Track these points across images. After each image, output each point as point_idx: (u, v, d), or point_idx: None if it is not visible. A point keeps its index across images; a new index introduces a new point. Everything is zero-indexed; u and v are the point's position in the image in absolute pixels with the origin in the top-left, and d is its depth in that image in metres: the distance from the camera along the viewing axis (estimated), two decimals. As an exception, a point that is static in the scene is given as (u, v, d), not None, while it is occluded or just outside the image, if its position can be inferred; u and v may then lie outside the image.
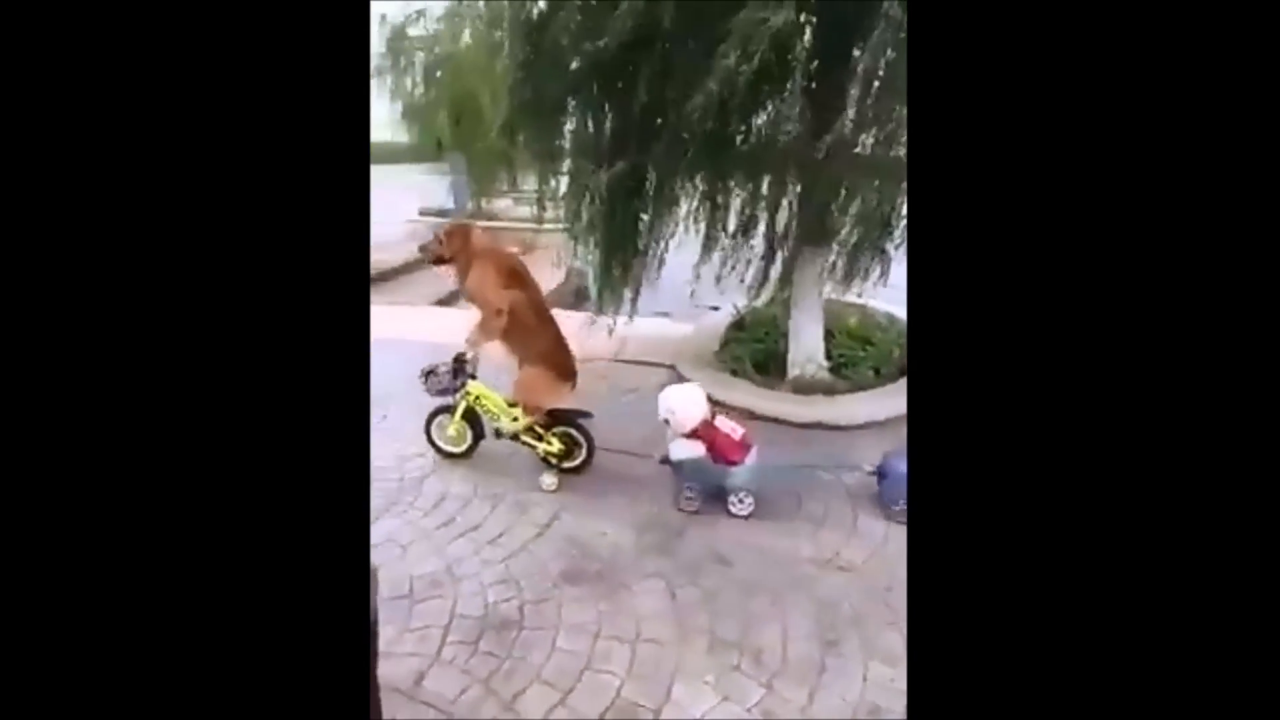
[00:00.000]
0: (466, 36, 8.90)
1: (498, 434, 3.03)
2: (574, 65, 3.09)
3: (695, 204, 3.95)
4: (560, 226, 3.96)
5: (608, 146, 3.31)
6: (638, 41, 2.81)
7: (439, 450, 3.14)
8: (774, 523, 2.71)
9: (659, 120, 3.12)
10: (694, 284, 4.29)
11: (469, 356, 2.98)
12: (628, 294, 4.06)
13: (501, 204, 11.04)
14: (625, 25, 2.73)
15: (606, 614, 2.17)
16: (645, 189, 3.51)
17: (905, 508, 2.67)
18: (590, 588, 2.29)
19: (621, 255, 3.76)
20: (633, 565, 2.42)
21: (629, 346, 4.68)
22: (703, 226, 4.09)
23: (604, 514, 2.73)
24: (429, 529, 2.59)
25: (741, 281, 4.40)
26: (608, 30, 2.78)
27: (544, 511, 2.73)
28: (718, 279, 4.65)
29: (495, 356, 3.15)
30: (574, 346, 3.11)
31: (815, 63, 3.27)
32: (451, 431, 3.09)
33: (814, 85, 3.25)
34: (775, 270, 4.39)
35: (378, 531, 2.54)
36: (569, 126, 3.39)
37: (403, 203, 12.56)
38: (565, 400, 3.01)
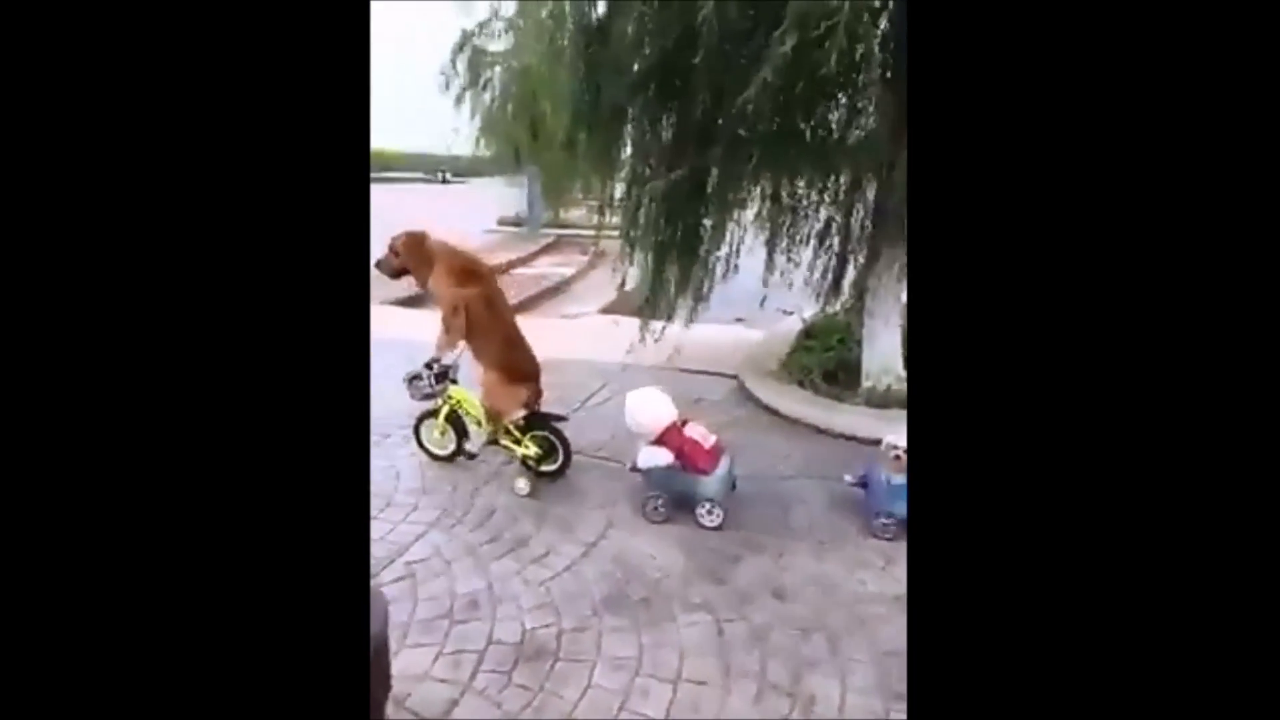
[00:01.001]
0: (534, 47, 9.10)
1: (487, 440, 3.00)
2: (634, 68, 2.99)
3: (761, 206, 3.76)
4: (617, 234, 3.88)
5: (666, 150, 3.19)
6: (695, 39, 2.67)
7: (427, 453, 3.16)
8: (839, 552, 2.49)
9: (719, 121, 2.96)
10: (764, 289, 4.09)
11: (446, 361, 2.96)
12: (688, 299, 3.92)
13: (578, 213, 11.20)
14: (682, 24, 2.61)
15: (648, 647, 2.03)
16: (706, 192, 3.35)
17: (887, 521, 2.53)
18: (632, 617, 2.16)
19: (681, 260, 3.61)
20: (679, 593, 2.27)
21: (693, 354, 4.53)
22: (770, 229, 3.89)
23: (654, 533, 2.60)
24: (474, 544, 2.55)
25: (806, 284, 4.15)
26: (665, 31, 2.66)
27: (591, 529, 2.63)
28: (789, 284, 4.43)
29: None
30: (633, 354, 3.01)
31: (893, 51, 3.01)
32: (436, 434, 3.11)
33: (890, 76, 2.99)
34: (849, 274, 4.12)
35: (423, 547, 2.53)
36: (629, 132, 3.29)
37: (482, 214, 13.03)
38: (531, 403, 2.96)
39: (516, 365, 2.91)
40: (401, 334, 4.64)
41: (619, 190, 3.64)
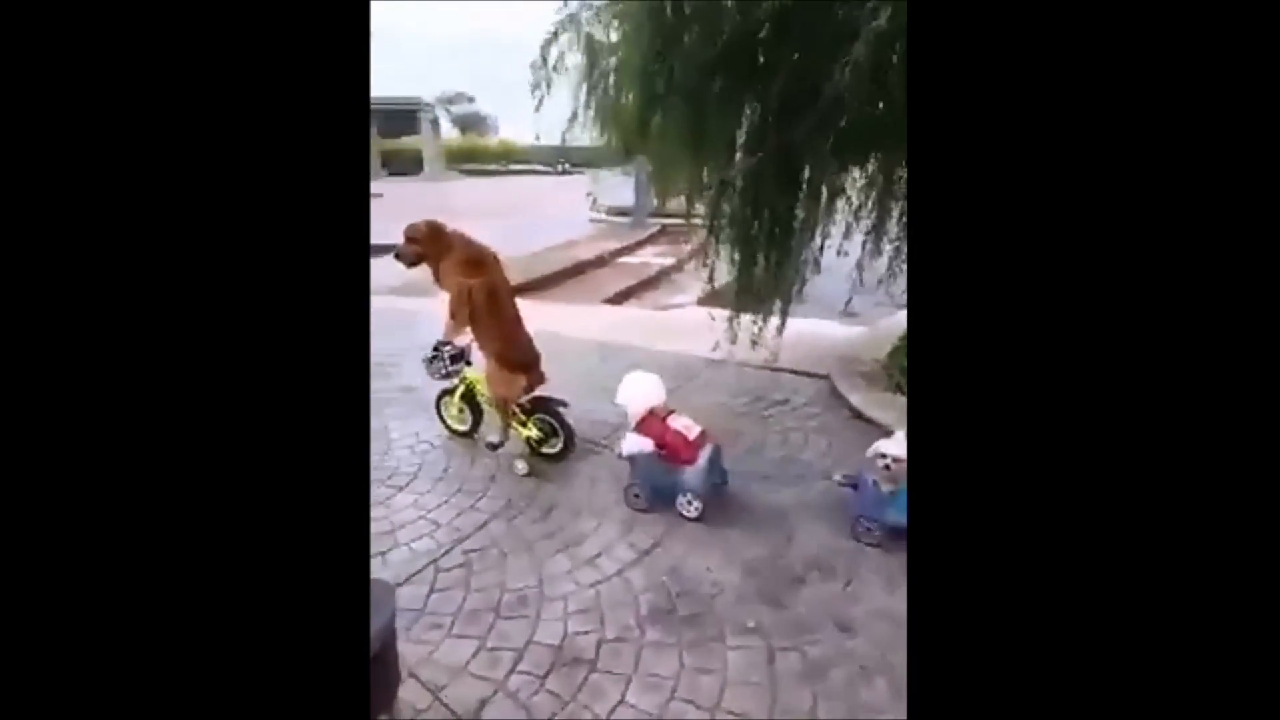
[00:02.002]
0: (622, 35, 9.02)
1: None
2: (710, 49, 2.81)
3: (859, 194, 3.44)
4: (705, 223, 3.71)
5: (750, 135, 2.98)
6: (776, 17, 2.45)
7: (448, 428, 3.37)
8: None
9: (806, 103, 2.71)
10: (857, 282, 3.77)
11: (458, 343, 3.06)
12: (780, 292, 3.68)
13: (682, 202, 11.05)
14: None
15: (689, 669, 1.91)
16: (795, 178, 3.11)
17: (870, 525, 2.41)
18: (677, 633, 2.04)
19: (771, 251, 3.39)
20: (732, 613, 2.12)
21: (787, 350, 4.28)
22: (869, 218, 3.56)
23: (716, 546, 2.46)
24: (533, 539, 2.54)
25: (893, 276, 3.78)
26: (745, 9, 2.46)
27: (649, 534, 2.54)
28: (893, 275, 4.05)
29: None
30: (720, 350, 2.88)
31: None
32: (454, 411, 3.33)
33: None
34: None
35: (483, 536, 2.56)
36: (708, 117, 3.11)
37: (588, 204, 13.22)
38: (530, 389, 3.04)
39: (514, 354, 2.97)
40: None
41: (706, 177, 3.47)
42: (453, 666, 1.93)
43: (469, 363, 3.17)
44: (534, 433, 3.05)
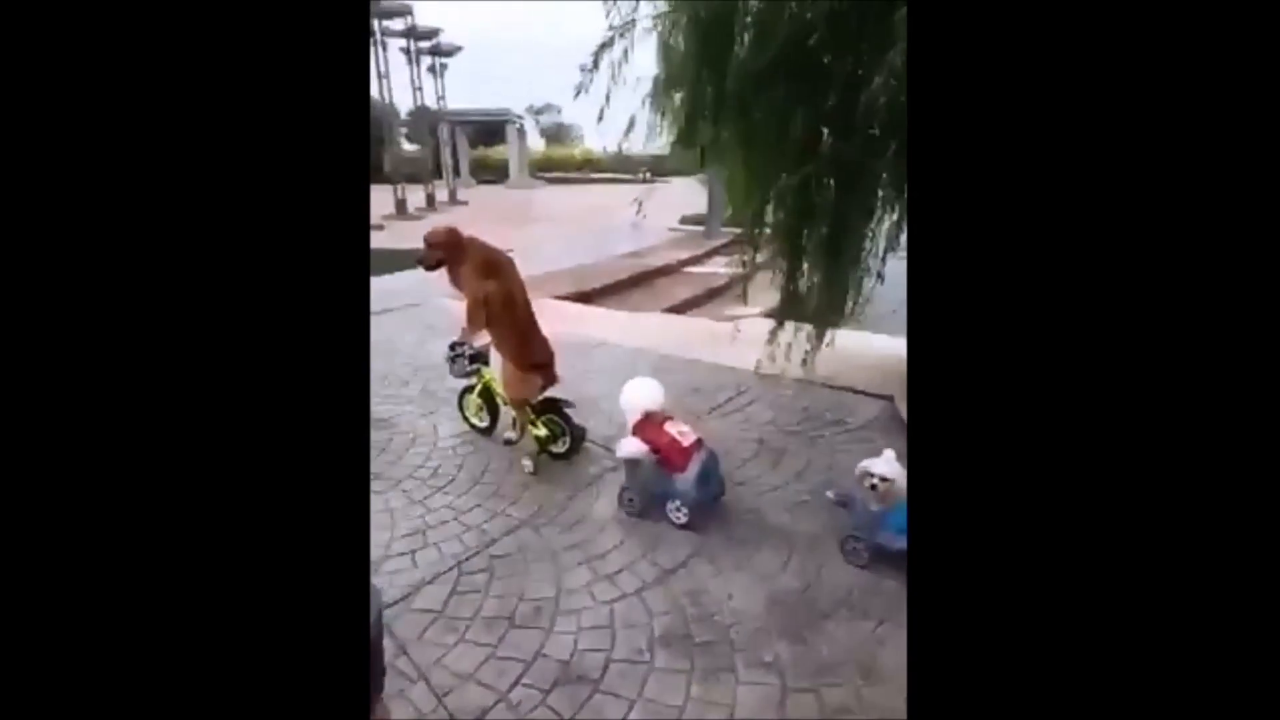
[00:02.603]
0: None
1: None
2: (763, 55, 2.71)
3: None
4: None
5: (796, 145, 2.86)
6: (829, 20, 2.33)
7: (469, 424, 3.54)
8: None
9: (854, 110, 2.57)
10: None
11: (475, 344, 3.21)
12: (836, 304, 3.51)
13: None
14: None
15: (696, 700, 1.83)
16: (851, 186, 2.95)
17: (857, 545, 2.32)
18: (689, 661, 1.96)
19: (822, 262, 3.24)
20: (749, 645, 2.01)
21: (846, 367, 4.08)
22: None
23: (742, 571, 2.35)
24: (558, 549, 2.53)
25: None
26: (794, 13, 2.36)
27: (674, 554, 2.46)
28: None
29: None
30: (769, 364, 2.80)
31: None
32: (473, 408, 3.50)
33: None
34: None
35: (511, 542, 2.57)
36: (762, 125, 3.01)
37: (672, 213, 13.24)
38: (545, 389, 3.13)
39: (529, 355, 3.04)
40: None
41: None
42: (462, 672, 1.94)
43: (487, 363, 3.33)
44: (543, 432, 3.13)
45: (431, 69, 20.46)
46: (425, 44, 19.27)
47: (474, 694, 1.87)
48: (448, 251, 3.03)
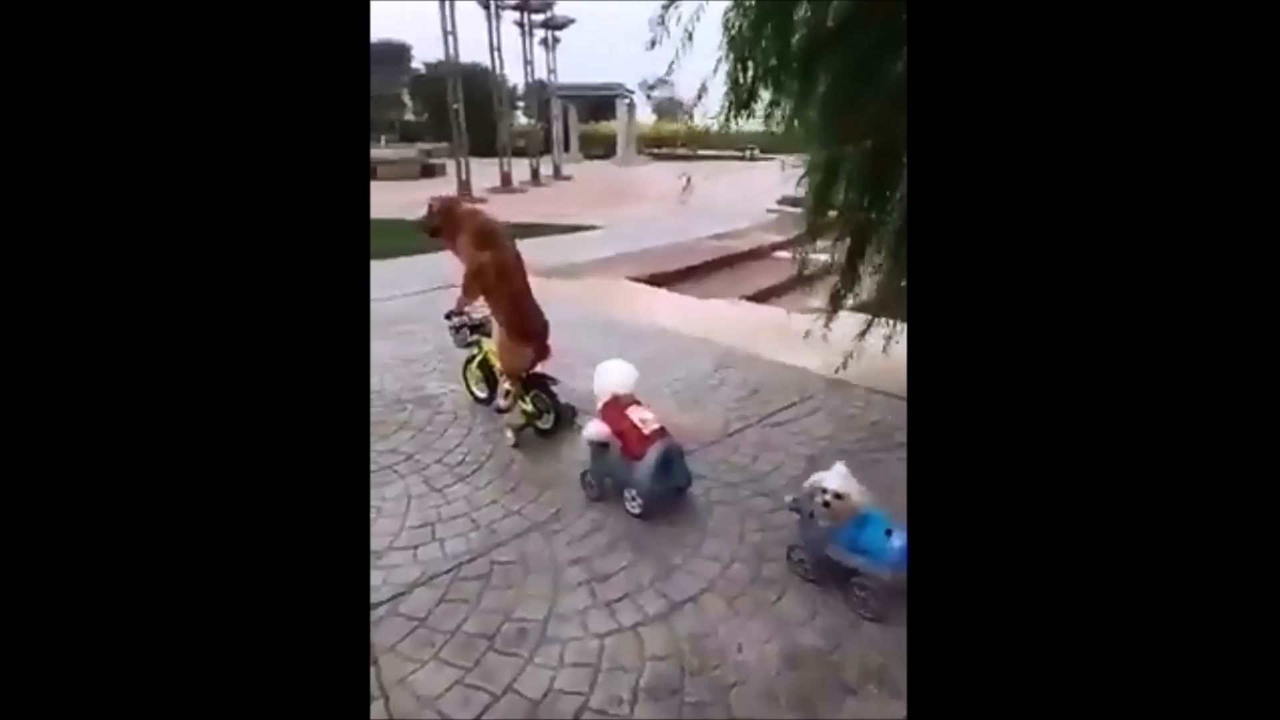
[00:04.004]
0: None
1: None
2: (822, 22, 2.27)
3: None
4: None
5: (861, 118, 2.40)
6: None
7: (471, 393, 3.58)
8: None
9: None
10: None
11: (475, 315, 3.32)
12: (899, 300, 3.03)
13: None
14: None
15: (671, 776, 1.55)
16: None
17: (802, 557, 2.16)
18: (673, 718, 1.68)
19: (887, 245, 2.77)
20: (750, 711, 1.70)
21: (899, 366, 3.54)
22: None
23: (761, 620, 2.02)
24: (564, 562, 2.31)
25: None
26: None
27: (685, 587, 2.17)
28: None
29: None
30: (839, 370, 2.92)
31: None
32: (472, 379, 3.55)
33: None
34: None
35: (516, 548, 2.39)
36: (821, 99, 2.57)
37: (774, 193, 12.58)
38: (537, 362, 3.16)
39: (522, 327, 3.09)
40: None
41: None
42: (425, 696, 1.77)
43: (488, 334, 3.38)
44: (530, 408, 3.16)
45: (544, 42, 20.63)
46: (538, 16, 19.41)
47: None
48: (444, 220, 3.14)
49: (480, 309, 3.29)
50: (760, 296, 6.45)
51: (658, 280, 6.50)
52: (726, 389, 3.82)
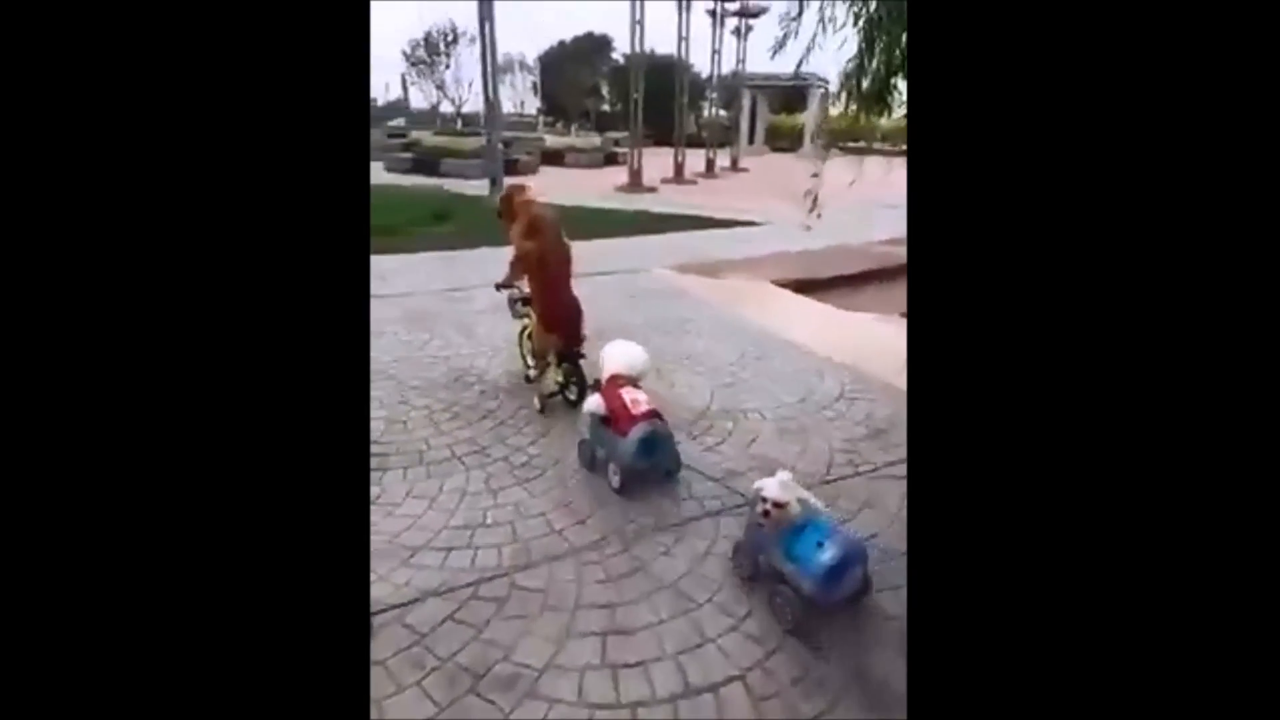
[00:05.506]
0: None
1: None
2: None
3: None
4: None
5: None
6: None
7: (524, 363, 3.70)
8: None
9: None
10: None
11: (524, 288, 3.51)
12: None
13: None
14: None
15: None
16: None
17: (744, 560, 2.12)
18: None
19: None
20: None
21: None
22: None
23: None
24: (583, 605, 2.04)
25: None
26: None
27: (711, 669, 1.78)
28: None
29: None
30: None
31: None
32: (524, 347, 3.68)
33: None
34: None
35: (541, 575, 2.16)
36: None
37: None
38: (567, 348, 3.34)
39: (550, 315, 3.34)
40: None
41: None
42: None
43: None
44: (559, 378, 3.40)
45: (736, 31, 20.18)
46: (731, 5, 18.99)
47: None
48: (505, 206, 3.50)
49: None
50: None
51: (802, 286, 5.91)
52: (844, 423, 3.26)
